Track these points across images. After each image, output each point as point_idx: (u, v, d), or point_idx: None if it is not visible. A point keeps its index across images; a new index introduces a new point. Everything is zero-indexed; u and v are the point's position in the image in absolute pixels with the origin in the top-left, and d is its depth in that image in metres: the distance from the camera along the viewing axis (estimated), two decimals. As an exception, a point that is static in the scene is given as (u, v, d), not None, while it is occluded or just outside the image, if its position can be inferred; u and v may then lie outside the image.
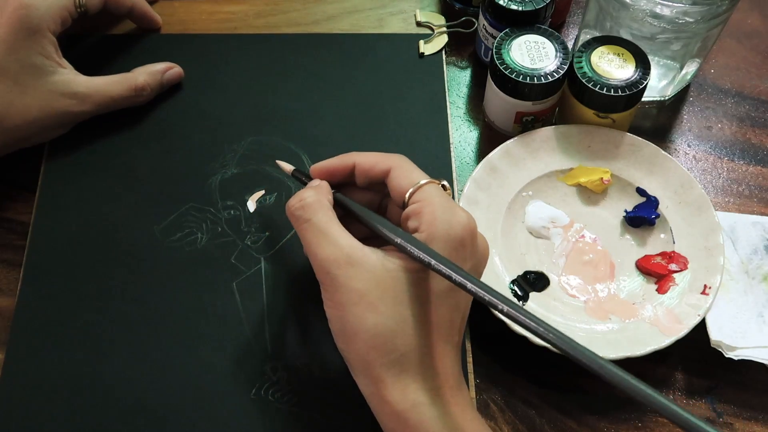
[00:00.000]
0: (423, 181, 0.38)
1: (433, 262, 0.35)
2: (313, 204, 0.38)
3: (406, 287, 0.36)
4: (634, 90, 0.48)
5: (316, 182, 0.41)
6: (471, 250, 0.38)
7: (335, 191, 0.41)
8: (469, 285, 0.34)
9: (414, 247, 0.36)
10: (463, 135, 0.54)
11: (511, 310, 0.33)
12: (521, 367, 0.45)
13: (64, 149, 0.50)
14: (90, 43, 0.54)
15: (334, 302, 0.36)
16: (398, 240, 0.37)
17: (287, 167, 0.45)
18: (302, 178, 0.43)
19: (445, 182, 0.40)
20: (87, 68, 0.49)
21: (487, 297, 0.34)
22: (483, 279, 0.45)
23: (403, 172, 0.39)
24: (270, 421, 0.42)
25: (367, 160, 0.41)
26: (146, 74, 0.51)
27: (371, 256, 0.36)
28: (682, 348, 0.45)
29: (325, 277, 0.37)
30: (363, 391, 0.38)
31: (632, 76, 0.48)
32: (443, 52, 0.55)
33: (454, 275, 0.35)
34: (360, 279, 0.36)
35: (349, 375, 0.43)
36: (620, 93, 0.48)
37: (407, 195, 0.38)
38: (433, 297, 0.37)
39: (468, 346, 0.45)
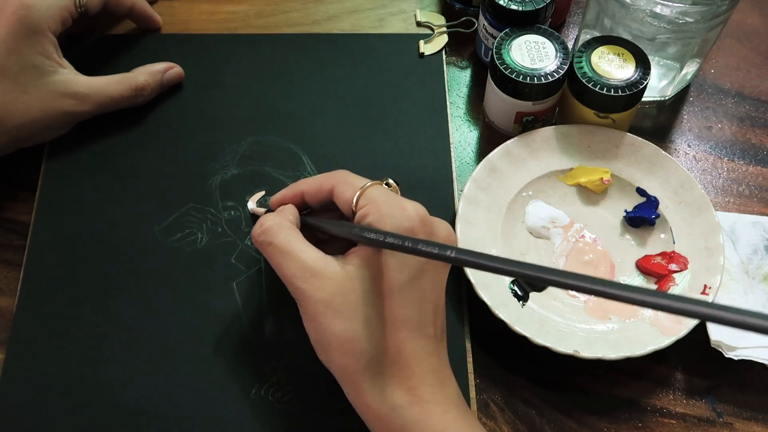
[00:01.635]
0: (366, 185, 0.39)
1: (387, 238, 0.35)
2: (273, 227, 0.39)
3: (366, 286, 0.37)
4: (634, 90, 0.48)
5: (281, 208, 0.42)
6: (427, 237, 0.38)
7: (305, 214, 0.42)
8: (420, 246, 0.34)
9: (368, 231, 0.36)
10: (463, 135, 0.54)
11: (460, 255, 0.33)
12: (521, 367, 0.45)
13: (64, 149, 0.50)
14: (90, 43, 0.54)
15: (307, 315, 0.37)
16: (354, 231, 0.37)
17: (251, 206, 0.47)
18: (262, 213, 0.46)
19: (390, 180, 0.40)
20: (87, 68, 0.49)
21: (437, 251, 0.33)
22: (483, 278, 0.45)
23: (346, 185, 0.40)
24: (270, 421, 0.42)
25: (312, 184, 0.42)
26: (146, 74, 0.51)
27: (332, 263, 0.37)
28: (682, 348, 0.45)
29: (295, 291, 0.38)
30: (348, 398, 0.38)
31: (632, 76, 0.48)
32: (443, 52, 0.55)
33: (407, 243, 0.34)
34: (323, 288, 0.37)
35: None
36: (620, 93, 0.48)
37: (353, 203, 0.39)
38: (395, 292, 0.37)
39: (468, 346, 0.45)
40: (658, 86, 0.55)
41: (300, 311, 0.38)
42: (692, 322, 0.44)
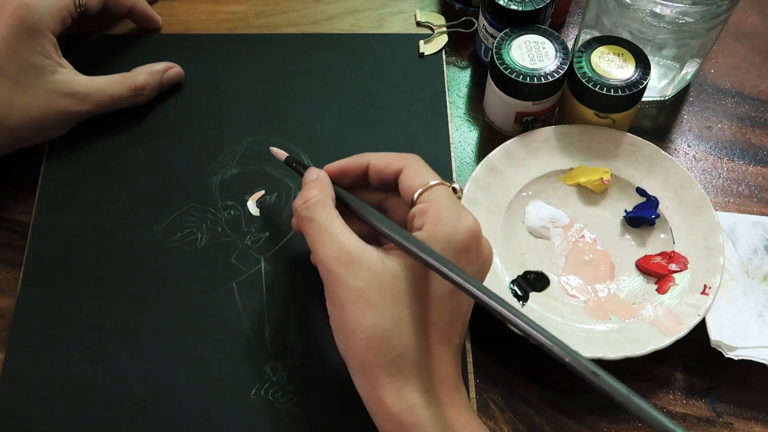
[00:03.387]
0: (433, 182, 0.38)
1: (430, 260, 0.35)
2: (318, 204, 0.38)
3: (406, 287, 0.36)
4: (634, 90, 0.48)
5: (314, 173, 0.41)
6: (475, 254, 0.37)
7: (335, 184, 0.41)
8: (467, 285, 0.34)
9: (411, 244, 0.36)
10: (463, 135, 0.54)
11: (510, 315, 0.33)
12: (521, 367, 0.45)
13: (64, 149, 0.50)
14: (90, 42, 0.54)
15: (335, 300, 0.36)
16: (394, 236, 0.36)
17: (280, 154, 0.44)
18: (294, 165, 0.43)
19: (456, 185, 0.40)
20: (87, 68, 0.49)
21: (487, 300, 0.34)
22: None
23: (416, 172, 0.39)
24: (270, 421, 0.42)
25: (382, 160, 0.41)
26: (146, 74, 0.51)
27: (372, 254, 0.36)
28: (682, 348, 0.45)
29: (327, 274, 0.37)
30: (360, 391, 0.38)
31: (632, 76, 0.48)
32: (443, 52, 0.55)
33: (453, 275, 0.34)
34: (360, 277, 0.36)
35: (349, 375, 0.43)
36: (620, 93, 0.48)
37: (416, 194, 0.38)
38: (433, 298, 0.37)
39: (468, 346, 0.45)
40: (658, 86, 0.55)
41: (326, 294, 0.37)
42: (692, 322, 0.44)
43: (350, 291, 0.36)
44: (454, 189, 0.40)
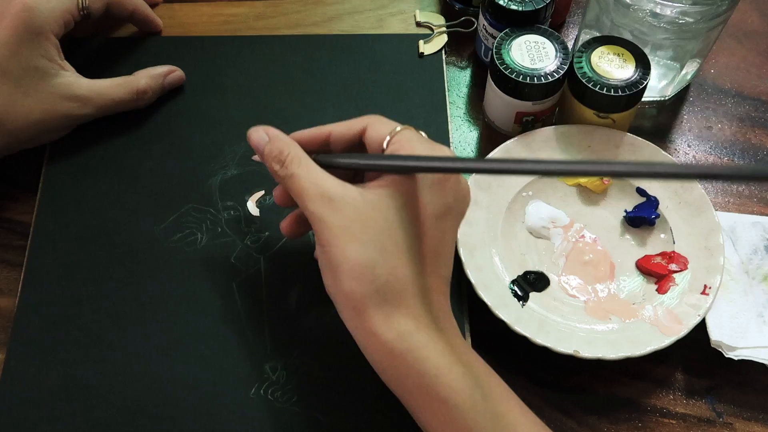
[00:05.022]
0: (399, 128, 0.39)
1: (414, 163, 0.36)
2: (294, 159, 0.39)
3: (387, 217, 0.37)
4: (634, 90, 0.48)
5: (262, 134, 0.41)
6: (454, 185, 0.39)
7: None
8: (460, 164, 0.36)
9: (390, 160, 0.37)
10: (463, 135, 0.54)
11: (487, 165, 0.36)
12: (521, 367, 0.45)
13: (65, 151, 0.50)
14: (92, 46, 0.55)
15: (322, 241, 0.37)
16: (381, 161, 0.38)
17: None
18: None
19: (422, 133, 0.40)
20: (89, 71, 0.49)
21: (477, 165, 0.36)
22: (483, 278, 0.45)
23: (381, 124, 0.40)
24: (270, 421, 0.42)
25: (342, 126, 0.42)
26: (148, 77, 0.51)
27: (353, 191, 0.37)
28: (682, 348, 0.45)
29: (312, 218, 0.37)
30: (350, 328, 0.38)
31: (632, 76, 0.48)
32: (443, 52, 0.55)
33: (443, 164, 0.36)
34: (342, 214, 0.36)
35: (349, 375, 0.43)
36: (620, 93, 0.48)
37: (386, 141, 0.39)
38: (416, 227, 0.37)
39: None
40: (658, 86, 0.55)
41: (315, 239, 0.38)
42: (692, 322, 0.44)
43: (333, 229, 0.36)
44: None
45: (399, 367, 0.36)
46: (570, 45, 0.57)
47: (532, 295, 0.46)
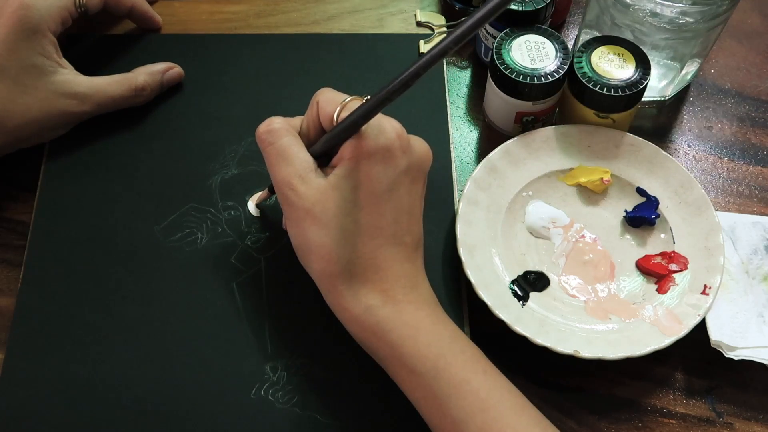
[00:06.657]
0: (347, 99, 0.40)
1: (357, 116, 0.38)
2: (281, 129, 0.40)
3: (344, 195, 0.38)
4: (634, 90, 0.48)
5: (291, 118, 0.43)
6: (403, 151, 0.39)
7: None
8: (391, 85, 0.37)
9: (339, 125, 0.39)
10: (463, 135, 0.54)
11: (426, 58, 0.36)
12: (521, 367, 0.45)
13: (64, 149, 0.50)
14: (90, 43, 0.54)
15: (290, 221, 0.39)
16: (330, 134, 0.39)
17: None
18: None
19: (368, 96, 0.40)
20: (87, 68, 0.49)
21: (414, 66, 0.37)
22: (483, 278, 0.45)
23: (327, 101, 0.41)
24: (270, 421, 0.42)
25: (307, 114, 0.42)
26: (146, 74, 0.51)
27: (319, 174, 0.39)
28: (682, 348, 0.45)
29: (280, 196, 0.39)
30: (326, 301, 0.40)
31: (632, 76, 0.48)
32: (443, 52, 0.55)
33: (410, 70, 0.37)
34: (305, 197, 0.38)
35: (349, 375, 0.43)
36: (620, 93, 0.48)
37: (335, 115, 0.40)
38: (371, 201, 0.39)
39: (468, 346, 0.45)
40: (658, 86, 0.55)
41: (284, 216, 0.41)
42: (692, 322, 0.44)
43: (299, 210, 0.38)
44: (367, 101, 0.41)
45: (371, 339, 0.39)
46: (570, 45, 0.57)
47: (532, 295, 0.46)
